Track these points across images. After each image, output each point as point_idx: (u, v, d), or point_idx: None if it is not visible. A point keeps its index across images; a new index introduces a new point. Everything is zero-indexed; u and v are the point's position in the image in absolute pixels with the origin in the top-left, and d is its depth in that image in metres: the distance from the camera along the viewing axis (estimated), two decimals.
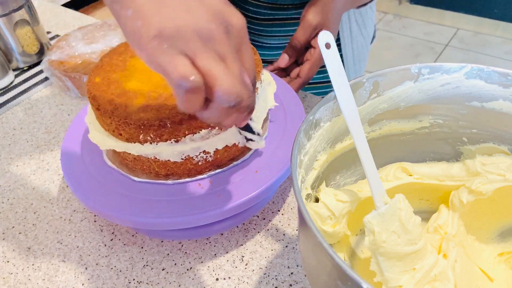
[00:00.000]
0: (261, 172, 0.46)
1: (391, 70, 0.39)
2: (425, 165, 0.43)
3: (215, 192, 0.45)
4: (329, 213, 0.37)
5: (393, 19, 2.64)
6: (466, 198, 0.39)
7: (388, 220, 0.35)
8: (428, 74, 0.39)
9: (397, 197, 0.35)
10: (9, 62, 0.79)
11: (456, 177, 0.42)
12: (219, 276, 0.46)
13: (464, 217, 0.41)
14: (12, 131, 0.68)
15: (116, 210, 0.43)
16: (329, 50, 0.35)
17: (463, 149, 0.43)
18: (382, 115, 0.41)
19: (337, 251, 0.42)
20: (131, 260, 0.49)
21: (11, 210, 0.56)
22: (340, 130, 0.39)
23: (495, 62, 2.20)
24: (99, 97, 0.44)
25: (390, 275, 0.34)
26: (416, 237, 0.35)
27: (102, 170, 0.48)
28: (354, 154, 0.36)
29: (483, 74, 0.38)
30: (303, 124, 0.35)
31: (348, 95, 0.36)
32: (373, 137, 0.42)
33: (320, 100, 0.36)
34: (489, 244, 0.42)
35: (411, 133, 0.43)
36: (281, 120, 0.52)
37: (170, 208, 0.43)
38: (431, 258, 0.35)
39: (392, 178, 0.43)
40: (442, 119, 0.41)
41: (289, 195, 0.54)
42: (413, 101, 0.40)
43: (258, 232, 0.50)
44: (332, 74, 0.36)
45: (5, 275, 0.48)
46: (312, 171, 0.38)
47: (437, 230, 0.40)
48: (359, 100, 0.38)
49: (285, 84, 0.57)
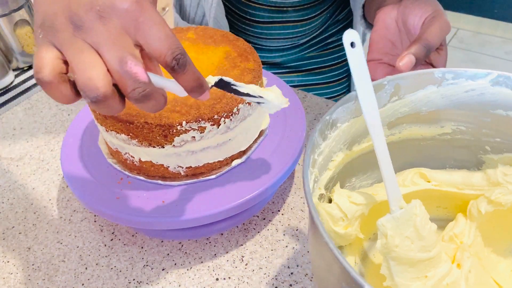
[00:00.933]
0: (261, 172, 0.46)
1: (414, 73, 0.38)
2: (444, 172, 0.42)
3: (215, 192, 0.45)
4: (342, 215, 0.37)
5: None
6: (484, 208, 0.38)
7: (402, 224, 0.34)
8: (452, 79, 0.38)
9: (414, 202, 0.35)
10: (9, 62, 0.79)
11: (476, 186, 0.40)
12: (219, 276, 0.46)
13: (482, 227, 0.40)
14: (12, 131, 0.68)
15: (116, 210, 0.43)
16: (354, 49, 0.34)
17: (485, 158, 0.42)
18: (403, 119, 0.40)
19: (349, 253, 0.41)
20: (131, 260, 0.49)
21: (11, 210, 0.56)
22: (358, 131, 0.39)
23: (495, 62, 2.20)
24: None
25: (400, 281, 0.34)
26: (431, 244, 0.34)
27: (102, 170, 0.48)
28: (371, 157, 0.36)
29: (509, 82, 0.37)
30: (318, 124, 0.34)
31: (371, 96, 0.35)
32: (392, 141, 0.41)
33: (325, 101, 0.36)
34: (506, 257, 0.41)
35: (431, 138, 0.42)
36: (281, 120, 0.52)
37: (170, 208, 0.43)
38: (444, 266, 0.35)
39: (409, 183, 0.42)
40: (464, 126, 0.40)
41: (289, 195, 0.54)
42: (435, 106, 0.39)
43: (258, 232, 0.50)
44: (355, 74, 0.35)
45: (5, 275, 0.48)
46: (327, 171, 0.38)
47: (452, 239, 0.39)
48: (379, 102, 0.38)
49: (285, 84, 0.57)
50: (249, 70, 0.47)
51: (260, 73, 0.48)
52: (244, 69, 0.47)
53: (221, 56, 0.49)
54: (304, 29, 0.73)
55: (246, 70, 0.47)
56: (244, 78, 0.46)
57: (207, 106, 0.42)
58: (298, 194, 0.54)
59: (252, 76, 0.46)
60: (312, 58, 0.79)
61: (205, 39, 0.51)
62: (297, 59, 0.79)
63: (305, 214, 0.52)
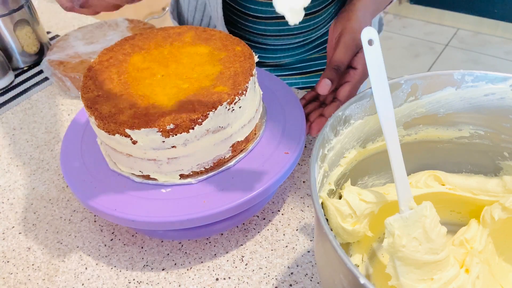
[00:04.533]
0: (261, 172, 0.46)
1: (432, 74, 0.37)
2: (460, 176, 0.42)
3: (215, 192, 0.45)
4: (351, 211, 0.37)
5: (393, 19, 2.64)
6: (498, 215, 0.37)
7: (411, 225, 0.34)
8: (471, 82, 0.37)
9: (424, 204, 0.34)
10: (9, 62, 0.79)
11: (491, 192, 0.40)
12: (219, 276, 0.46)
13: (494, 235, 0.39)
14: (12, 131, 0.68)
15: (116, 210, 0.43)
16: (371, 46, 0.34)
17: (503, 164, 0.41)
18: (419, 120, 0.40)
19: (356, 251, 0.41)
20: (131, 260, 0.49)
21: (11, 210, 0.56)
22: (373, 129, 0.38)
23: (495, 62, 2.20)
24: None
25: (406, 281, 0.34)
26: (439, 247, 0.34)
27: (102, 170, 0.48)
28: (385, 156, 0.35)
29: None
30: (330, 119, 0.34)
31: (386, 95, 0.35)
32: (407, 141, 0.41)
33: None
34: None
35: (448, 141, 0.41)
36: (281, 120, 0.52)
37: (170, 208, 0.43)
38: (451, 270, 0.35)
39: (422, 185, 0.41)
40: (483, 130, 0.39)
41: (289, 195, 0.54)
42: (454, 109, 0.39)
43: (258, 232, 0.50)
44: (372, 72, 0.34)
45: (5, 275, 0.48)
46: (338, 167, 0.38)
47: (463, 244, 0.39)
48: (395, 102, 0.37)
49: (284, 84, 0.57)
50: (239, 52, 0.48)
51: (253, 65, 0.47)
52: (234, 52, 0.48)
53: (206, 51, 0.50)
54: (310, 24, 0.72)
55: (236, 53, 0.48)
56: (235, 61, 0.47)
57: None
58: (298, 194, 0.54)
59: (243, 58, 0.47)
60: (316, 60, 0.79)
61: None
62: (301, 60, 0.78)
63: (305, 214, 0.52)
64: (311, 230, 0.50)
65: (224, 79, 0.45)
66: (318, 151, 0.32)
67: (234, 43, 0.50)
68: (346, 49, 0.50)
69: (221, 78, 0.45)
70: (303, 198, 0.54)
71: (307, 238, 0.49)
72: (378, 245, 0.43)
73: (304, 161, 0.59)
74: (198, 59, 0.48)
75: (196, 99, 0.43)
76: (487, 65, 2.18)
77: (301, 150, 0.49)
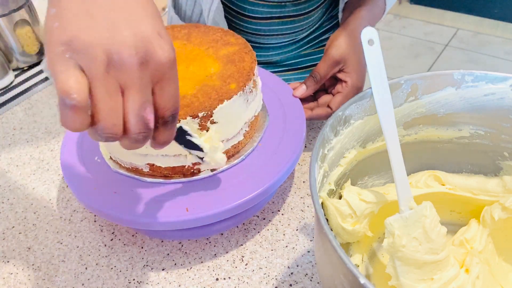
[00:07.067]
0: (261, 172, 0.46)
1: (432, 74, 0.37)
2: (460, 176, 0.42)
3: (214, 192, 0.45)
4: (350, 211, 0.37)
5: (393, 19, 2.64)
6: (498, 215, 0.38)
7: (411, 225, 0.34)
8: (472, 81, 0.37)
9: (424, 204, 0.34)
10: (9, 62, 0.79)
11: (491, 192, 0.40)
12: (219, 276, 0.46)
13: (494, 235, 0.39)
14: (12, 131, 0.68)
15: (116, 210, 0.43)
16: (371, 46, 0.34)
17: (503, 164, 0.41)
18: (419, 120, 0.40)
19: (356, 251, 0.41)
20: (131, 260, 0.49)
21: (11, 210, 0.56)
22: (373, 129, 0.38)
23: (495, 62, 2.20)
24: None
25: (405, 281, 0.34)
26: (439, 247, 0.34)
27: (102, 170, 0.48)
28: (385, 156, 0.35)
29: None
30: (330, 119, 0.34)
31: (386, 95, 0.35)
32: (407, 141, 0.41)
33: None
34: None
35: (448, 141, 0.41)
36: (281, 120, 0.52)
37: (170, 208, 0.43)
38: (451, 270, 0.35)
39: (422, 185, 0.41)
40: (483, 130, 0.39)
41: (289, 195, 0.54)
42: (454, 109, 0.39)
43: (258, 232, 0.50)
44: (372, 72, 0.34)
45: (5, 275, 0.48)
46: (338, 167, 0.38)
47: (463, 244, 0.39)
48: (395, 102, 0.37)
49: (284, 85, 0.57)
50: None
51: (254, 67, 0.47)
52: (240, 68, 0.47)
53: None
54: (302, 24, 0.73)
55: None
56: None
57: None
58: (298, 194, 0.54)
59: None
60: (309, 55, 0.79)
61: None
62: (294, 56, 0.79)
63: (305, 214, 0.52)
64: (311, 230, 0.50)
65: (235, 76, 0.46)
66: (318, 151, 0.32)
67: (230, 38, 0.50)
68: (326, 64, 0.56)
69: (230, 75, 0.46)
70: (303, 198, 0.54)
71: (307, 238, 0.49)
72: (378, 245, 0.43)
73: (304, 161, 0.59)
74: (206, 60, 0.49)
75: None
76: (487, 65, 2.18)
77: (301, 150, 0.49)
